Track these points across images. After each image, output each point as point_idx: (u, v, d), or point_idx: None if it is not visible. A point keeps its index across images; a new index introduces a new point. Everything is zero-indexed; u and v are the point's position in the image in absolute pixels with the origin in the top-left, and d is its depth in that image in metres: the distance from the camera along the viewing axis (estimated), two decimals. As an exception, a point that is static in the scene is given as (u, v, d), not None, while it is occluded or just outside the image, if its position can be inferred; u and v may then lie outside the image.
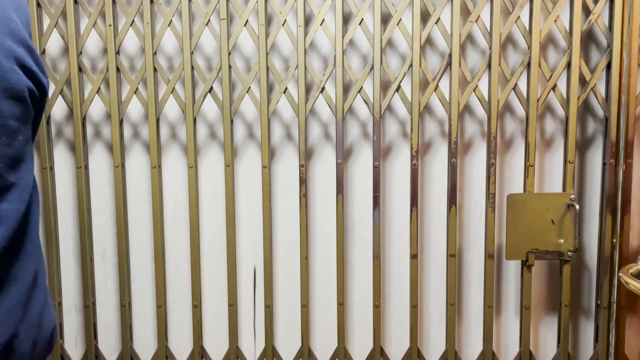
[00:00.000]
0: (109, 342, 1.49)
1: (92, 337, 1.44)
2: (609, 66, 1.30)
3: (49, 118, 1.37)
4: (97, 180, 1.44)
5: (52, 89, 1.34)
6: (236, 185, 1.43)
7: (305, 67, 1.32)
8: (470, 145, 1.42)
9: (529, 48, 1.30)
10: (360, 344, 1.48)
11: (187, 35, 1.31)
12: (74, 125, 1.35)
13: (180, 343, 1.48)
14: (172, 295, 1.47)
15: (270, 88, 1.36)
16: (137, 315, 1.49)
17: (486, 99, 1.33)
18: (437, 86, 1.32)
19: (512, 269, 1.45)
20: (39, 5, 1.32)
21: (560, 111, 1.37)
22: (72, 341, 1.50)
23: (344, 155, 1.37)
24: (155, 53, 1.33)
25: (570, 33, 1.29)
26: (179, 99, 1.35)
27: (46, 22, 1.33)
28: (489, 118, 1.33)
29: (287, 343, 1.48)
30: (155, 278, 1.41)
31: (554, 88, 1.32)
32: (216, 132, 1.42)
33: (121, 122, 1.36)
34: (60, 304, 1.43)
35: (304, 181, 1.36)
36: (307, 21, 1.33)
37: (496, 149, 1.34)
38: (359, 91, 1.33)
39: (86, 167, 1.40)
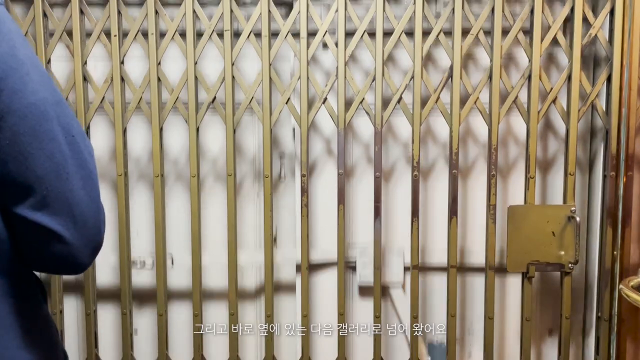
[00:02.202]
0: (109, 350, 1.50)
1: (92, 345, 1.44)
2: (609, 79, 1.31)
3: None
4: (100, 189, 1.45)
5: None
6: (238, 194, 1.43)
7: (308, 78, 1.33)
8: (472, 157, 1.43)
9: (529, 61, 1.31)
10: (361, 353, 1.48)
11: (191, 46, 1.33)
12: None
13: (181, 351, 1.48)
14: (173, 304, 1.47)
15: (273, 99, 1.37)
16: (138, 323, 1.49)
17: (487, 111, 1.34)
18: (438, 98, 1.33)
19: (512, 280, 1.45)
20: (45, 15, 1.33)
21: (561, 124, 1.38)
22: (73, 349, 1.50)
23: (345, 165, 1.38)
24: (159, 63, 1.34)
25: (571, 46, 1.30)
26: (183, 109, 1.36)
27: (52, 32, 1.35)
28: (490, 130, 1.33)
29: (288, 352, 1.48)
30: (157, 286, 1.41)
31: (554, 101, 1.32)
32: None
33: (124, 131, 1.37)
34: (61, 311, 1.44)
35: (305, 191, 1.36)
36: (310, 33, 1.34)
37: (497, 161, 1.34)
38: (360, 102, 1.34)
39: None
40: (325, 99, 1.34)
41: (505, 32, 1.31)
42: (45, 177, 0.53)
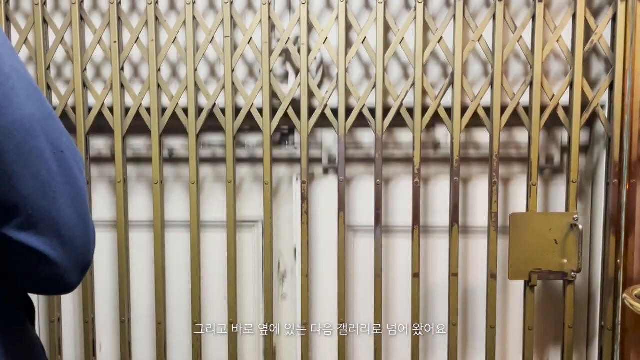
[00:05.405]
0: (108, 358, 1.49)
1: (91, 354, 1.43)
2: (611, 86, 1.30)
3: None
4: (99, 196, 1.45)
5: (56, 104, 1.36)
6: (238, 201, 1.42)
7: (308, 85, 1.32)
8: (473, 164, 1.42)
9: (531, 67, 1.30)
10: (361, 354, 1.46)
11: (191, 53, 1.32)
12: (77, 141, 1.36)
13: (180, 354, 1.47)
14: (172, 312, 1.46)
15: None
16: (137, 332, 1.48)
17: (488, 117, 1.33)
18: (439, 104, 1.32)
19: (515, 289, 1.44)
20: (45, 21, 1.33)
21: (563, 131, 1.37)
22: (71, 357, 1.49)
23: (345, 172, 1.37)
24: (159, 69, 1.34)
25: (573, 53, 1.30)
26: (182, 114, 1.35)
27: (52, 37, 1.34)
28: (492, 137, 1.32)
29: (288, 352, 1.47)
30: (156, 295, 1.40)
31: (556, 108, 1.31)
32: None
33: (124, 137, 1.37)
34: (59, 319, 1.43)
35: (305, 198, 1.35)
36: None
37: (499, 168, 1.33)
38: (361, 108, 1.33)
39: (88, 182, 1.41)
40: (326, 105, 1.34)
41: (506, 39, 1.31)
42: (31, 197, 0.51)
